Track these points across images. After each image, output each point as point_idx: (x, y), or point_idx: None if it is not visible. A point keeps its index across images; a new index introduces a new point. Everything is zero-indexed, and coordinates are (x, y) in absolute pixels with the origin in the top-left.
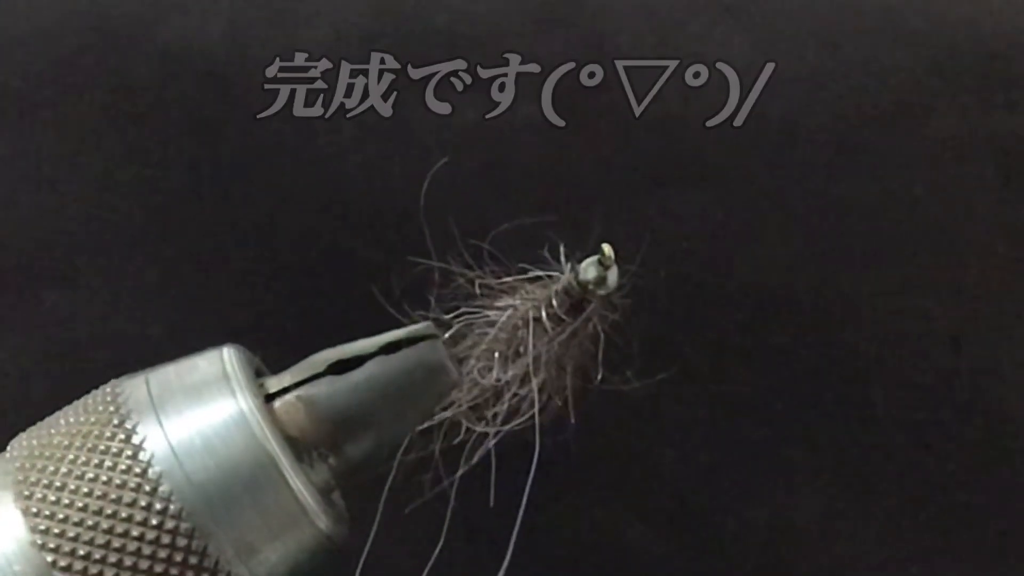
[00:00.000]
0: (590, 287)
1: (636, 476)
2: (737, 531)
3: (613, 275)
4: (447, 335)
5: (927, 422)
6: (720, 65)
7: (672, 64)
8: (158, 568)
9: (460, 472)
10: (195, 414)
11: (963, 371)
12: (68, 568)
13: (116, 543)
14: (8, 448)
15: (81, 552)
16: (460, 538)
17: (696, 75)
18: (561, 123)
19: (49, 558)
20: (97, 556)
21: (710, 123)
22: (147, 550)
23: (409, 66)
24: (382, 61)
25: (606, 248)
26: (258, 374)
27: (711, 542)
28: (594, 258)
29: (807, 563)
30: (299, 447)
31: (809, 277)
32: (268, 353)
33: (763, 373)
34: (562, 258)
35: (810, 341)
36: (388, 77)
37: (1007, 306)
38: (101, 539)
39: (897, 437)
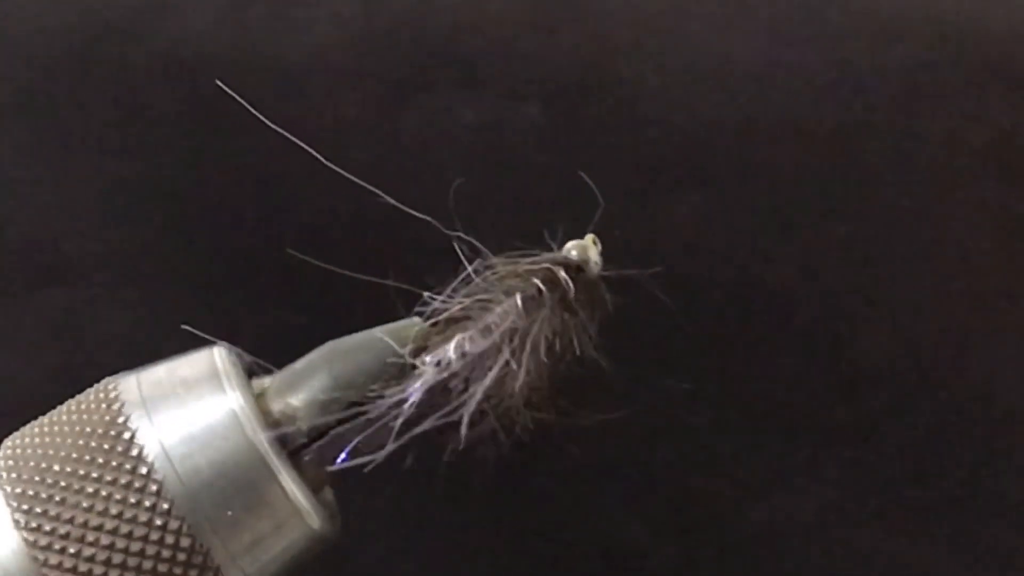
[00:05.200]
0: (574, 264)
1: (636, 476)
2: (737, 531)
3: (596, 255)
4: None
5: (928, 422)
6: (720, 65)
7: (672, 64)
8: (147, 564)
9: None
10: (186, 413)
11: (965, 371)
12: (58, 566)
13: (106, 542)
14: None
15: (71, 550)
16: (455, 535)
17: (696, 75)
18: (561, 123)
19: (39, 556)
20: (87, 554)
21: (710, 123)
22: (137, 548)
23: (409, 66)
24: (382, 61)
25: (591, 237)
26: (250, 374)
27: (711, 542)
28: (577, 241)
29: (807, 563)
30: (290, 444)
31: (809, 277)
32: (266, 352)
33: (763, 373)
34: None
35: (810, 341)
36: (388, 77)
37: (1008, 306)
38: (91, 539)
39: (898, 437)
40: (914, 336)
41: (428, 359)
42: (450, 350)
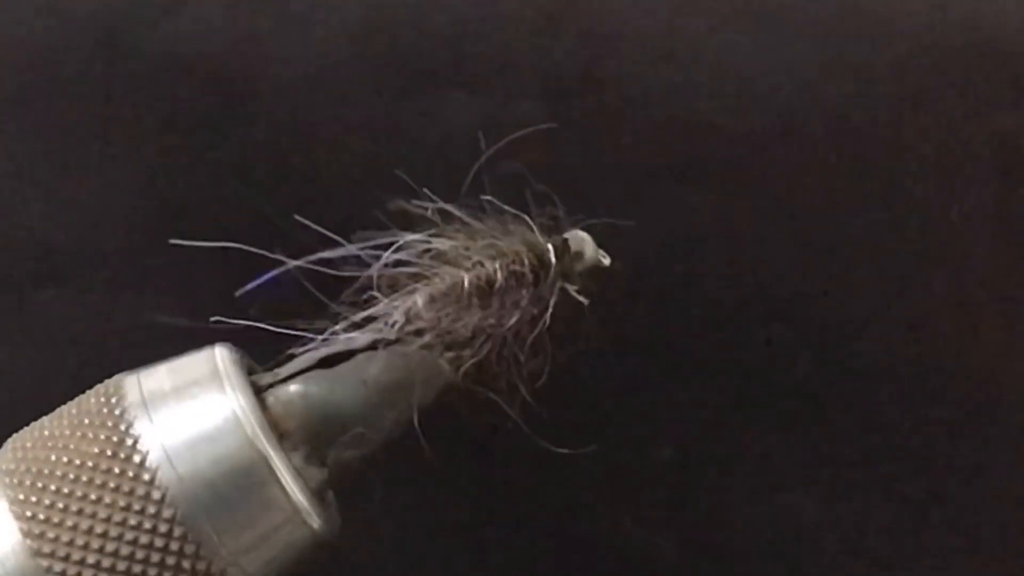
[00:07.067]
0: (570, 252)
1: (636, 476)
2: (738, 531)
3: (592, 250)
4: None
5: (929, 423)
6: (720, 65)
7: (672, 64)
8: (142, 556)
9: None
10: (187, 413)
11: (965, 372)
12: (53, 554)
13: (109, 546)
14: (0, 450)
15: (71, 548)
16: (453, 531)
17: (696, 75)
18: (560, 123)
19: (44, 563)
20: (87, 552)
21: (710, 123)
22: (137, 546)
23: (409, 66)
24: (382, 61)
25: (601, 252)
26: (251, 373)
27: (711, 542)
28: (583, 232)
29: (808, 563)
30: (291, 445)
31: (809, 277)
32: (265, 352)
33: (763, 373)
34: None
35: (811, 341)
36: (388, 77)
37: (1008, 306)
38: (92, 538)
39: (898, 438)
40: (914, 336)
41: (397, 302)
42: (419, 296)
